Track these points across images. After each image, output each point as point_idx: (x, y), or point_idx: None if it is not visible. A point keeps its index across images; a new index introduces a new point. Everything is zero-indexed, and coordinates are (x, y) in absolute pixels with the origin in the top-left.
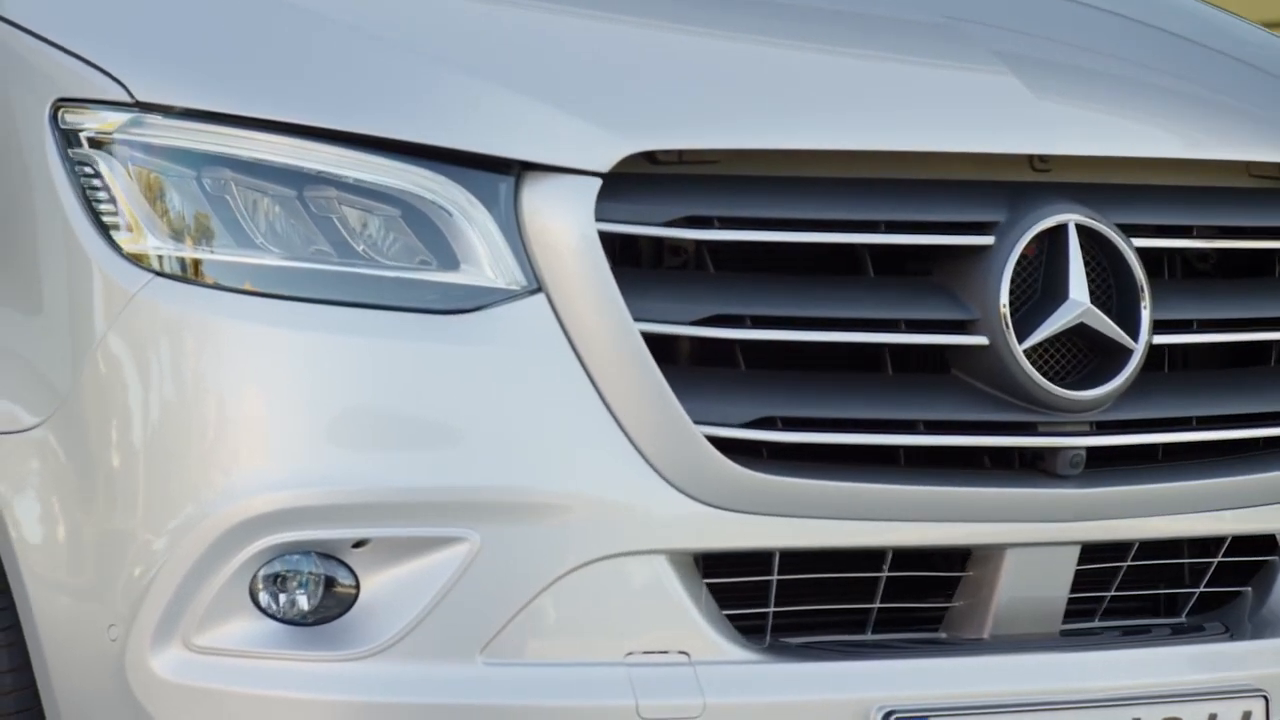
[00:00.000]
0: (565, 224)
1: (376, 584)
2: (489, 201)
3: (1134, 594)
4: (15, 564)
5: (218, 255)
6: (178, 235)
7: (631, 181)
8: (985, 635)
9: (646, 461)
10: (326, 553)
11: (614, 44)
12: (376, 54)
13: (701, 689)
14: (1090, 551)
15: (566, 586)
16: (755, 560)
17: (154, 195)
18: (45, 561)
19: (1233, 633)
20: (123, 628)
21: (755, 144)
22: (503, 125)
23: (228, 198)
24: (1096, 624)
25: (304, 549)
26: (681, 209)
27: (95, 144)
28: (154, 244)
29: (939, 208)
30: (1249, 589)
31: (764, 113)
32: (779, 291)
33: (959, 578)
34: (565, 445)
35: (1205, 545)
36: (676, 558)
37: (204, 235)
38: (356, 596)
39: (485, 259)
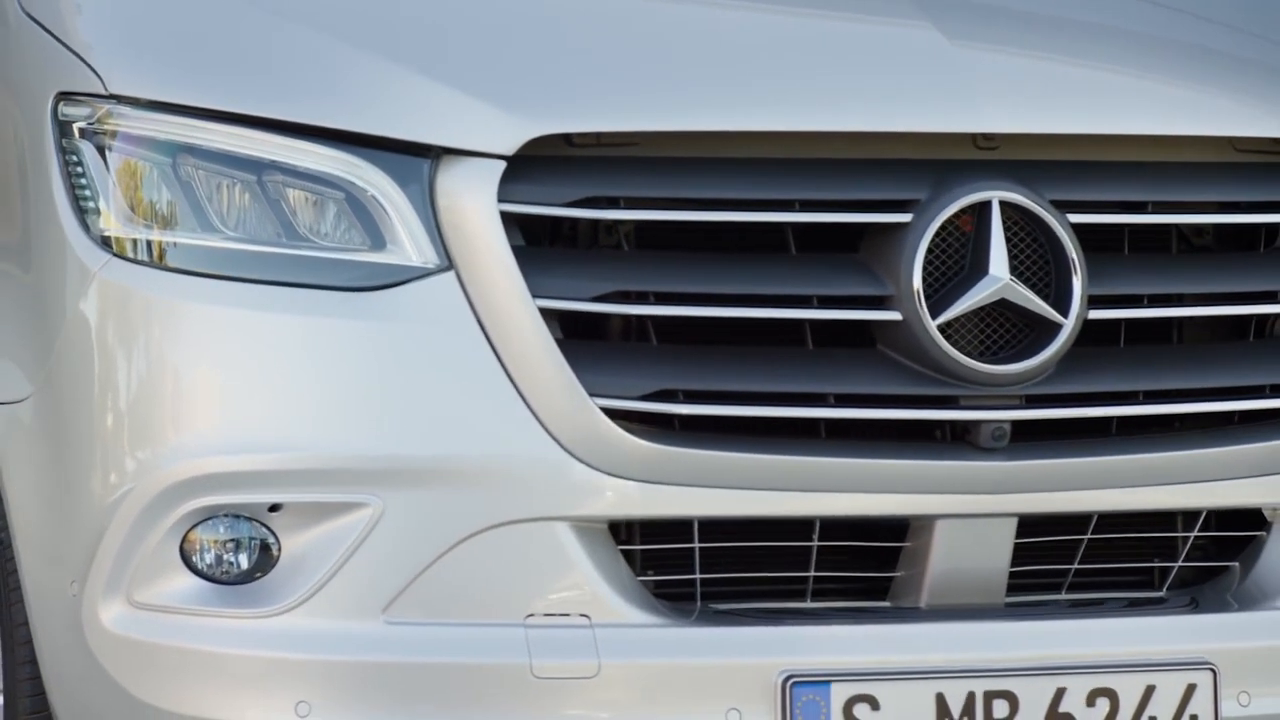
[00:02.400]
0: (472, 205)
1: (294, 546)
2: (408, 184)
3: (1115, 568)
4: (10, 524)
5: (156, 235)
6: (130, 217)
7: (541, 163)
8: (921, 605)
9: (547, 432)
10: (249, 516)
11: (533, 28)
12: (314, 47)
13: (598, 650)
14: (1050, 525)
15: (467, 551)
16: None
17: (119, 180)
18: (28, 521)
19: (1201, 606)
20: (80, 584)
21: (661, 126)
22: (420, 111)
23: (173, 182)
24: (1047, 597)
25: (226, 512)
26: (586, 190)
27: (81, 134)
28: (113, 226)
29: (861, 187)
30: (1235, 564)
31: (677, 94)
32: (686, 269)
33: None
34: (467, 415)
35: (1194, 520)
36: (582, 525)
37: (150, 217)
38: (278, 558)
39: (406, 239)
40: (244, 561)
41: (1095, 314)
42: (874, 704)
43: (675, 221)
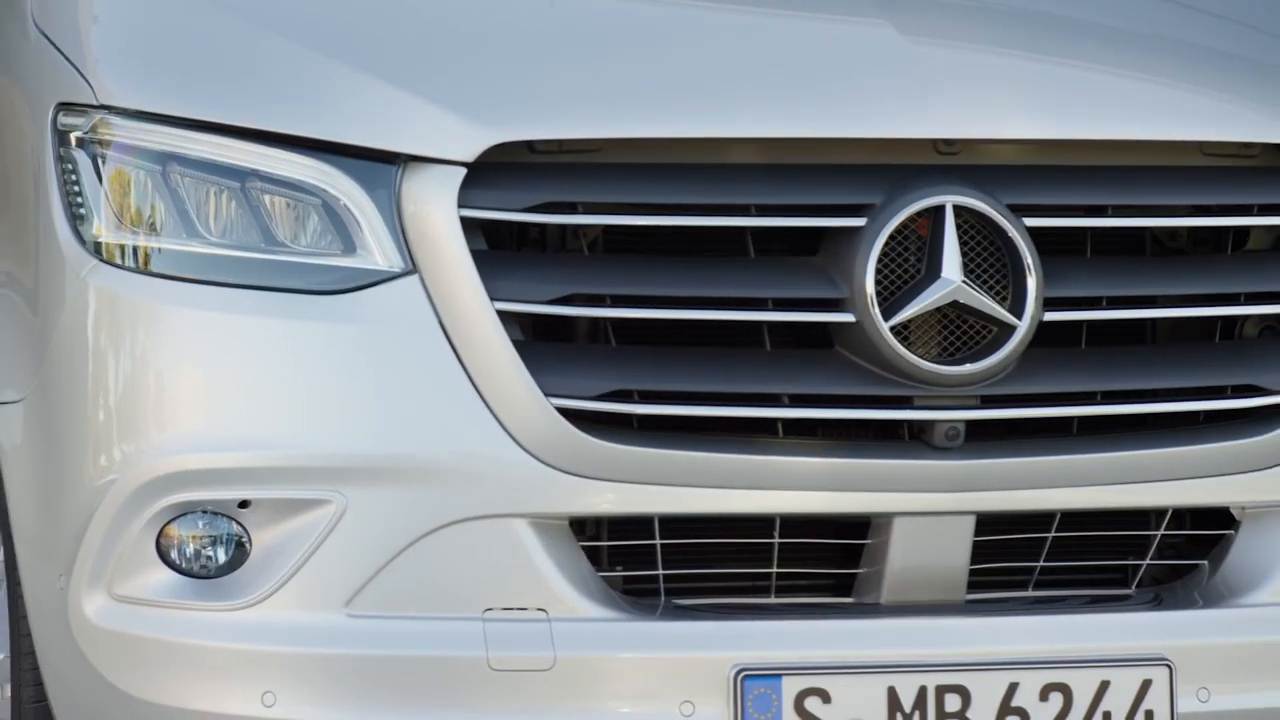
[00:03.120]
0: (434, 210)
1: (264, 541)
2: (376, 190)
3: (1087, 565)
4: (9, 520)
5: (142, 241)
6: (118, 225)
7: (504, 169)
8: (881, 601)
9: (505, 431)
10: (221, 512)
11: (500, 38)
12: (292, 59)
13: (554, 644)
14: (1013, 523)
15: (427, 546)
16: (664, 524)
17: (110, 188)
18: (24, 516)
19: (1165, 604)
20: (66, 577)
21: (619, 134)
22: (388, 120)
23: (158, 191)
24: (1009, 595)
25: (199, 508)
26: (544, 195)
27: (78, 143)
28: (103, 232)
29: (817, 192)
30: (1205, 563)
31: (636, 102)
32: (643, 272)
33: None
34: (428, 415)
35: (1161, 519)
36: (541, 522)
37: (137, 224)
38: (249, 553)
39: (374, 244)
40: (217, 556)
41: (1051, 316)
42: (825, 697)
43: (637, 226)
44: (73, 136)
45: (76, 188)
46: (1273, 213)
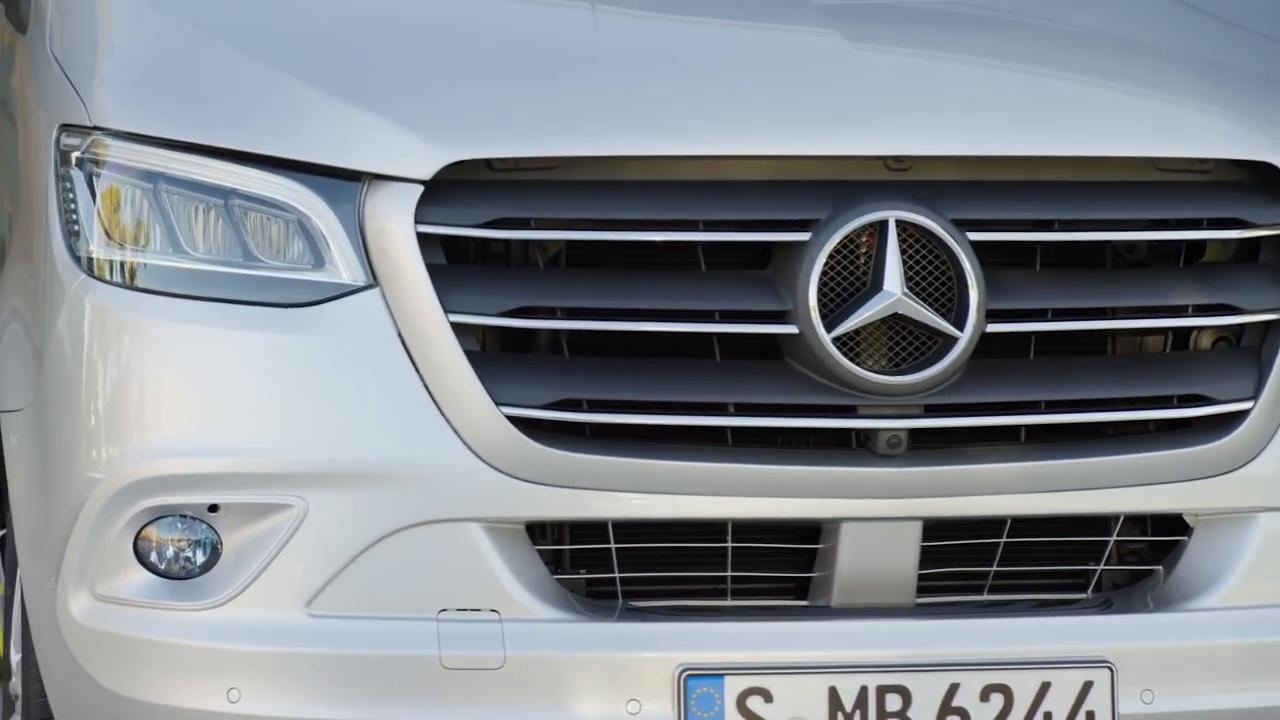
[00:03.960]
0: (393, 226)
1: (234, 544)
2: (342, 207)
3: (1046, 570)
4: (11, 522)
5: (128, 257)
6: (106, 241)
7: (461, 187)
8: (833, 603)
9: (460, 438)
10: (194, 516)
11: (461, 60)
12: (269, 82)
13: (505, 643)
14: (964, 529)
15: (385, 549)
16: (625, 529)
17: (101, 206)
18: (22, 519)
19: (1115, 608)
20: (54, 578)
21: (570, 152)
22: (354, 140)
23: (143, 208)
24: (959, 599)
25: (173, 512)
26: (498, 212)
27: (76, 162)
28: (93, 248)
29: (765, 207)
30: (1160, 568)
31: (589, 121)
32: (593, 285)
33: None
34: (386, 423)
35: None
36: (495, 526)
37: (124, 240)
38: (220, 555)
39: (339, 258)
40: (190, 558)
41: (995, 328)
42: (767, 696)
43: (590, 241)
44: (72, 156)
45: (73, 205)
46: (1223, 227)
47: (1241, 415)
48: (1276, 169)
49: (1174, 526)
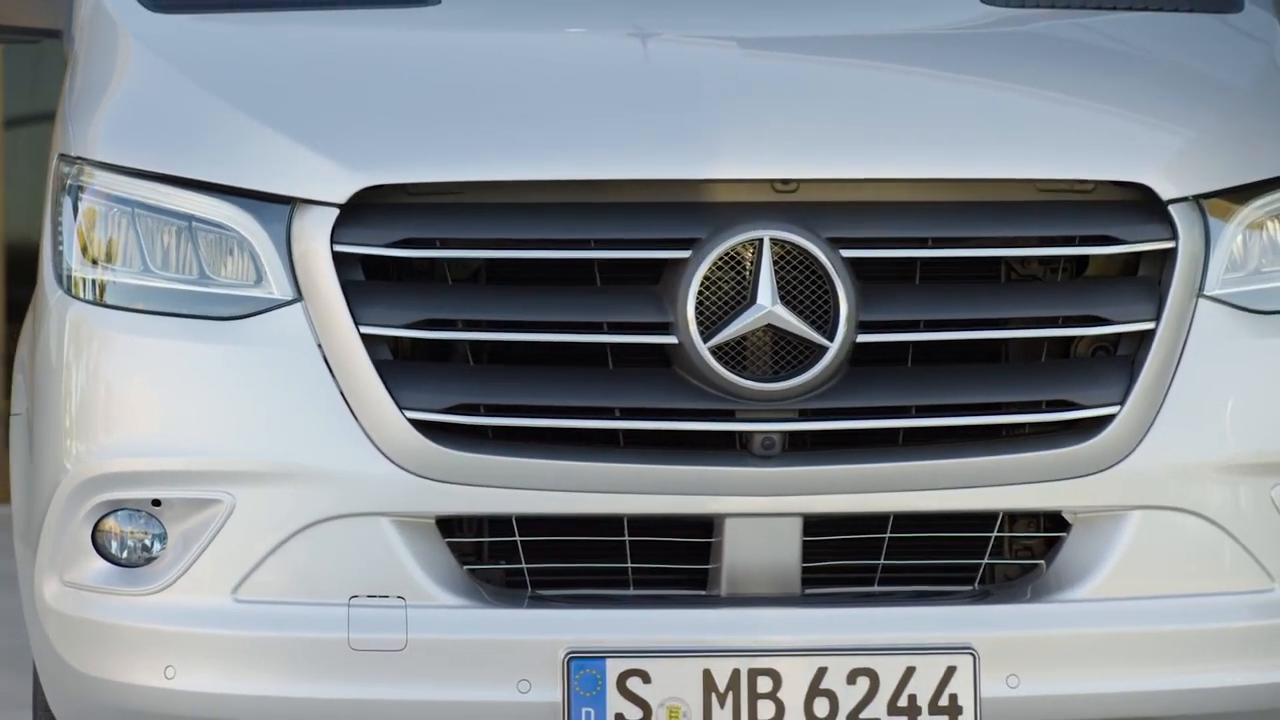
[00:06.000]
0: (313, 246)
1: (176, 535)
2: (273, 227)
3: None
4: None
5: (95, 275)
6: (81, 261)
7: (376, 209)
8: (721, 593)
9: (370, 440)
10: (141, 509)
11: (382, 90)
12: (219, 115)
13: (408, 627)
14: (848, 524)
15: (303, 540)
16: (534, 523)
17: (80, 229)
18: (18, 513)
19: (991, 598)
20: (32, 565)
21: (472, 177)
22: (284, 167)
23: (110, 231)
24: (843, 590)
25: (123, 506)
26: (405, 232)
27: (66, 189)
28: (66, 265)
29: (651, 227)
30: (1042, 562)
31: (493, 147)
32: (491, 299)
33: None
34: (305, 426)
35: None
36: (404, 520)
37: (93, 260)
38: (165, 545)
39: (271, 276)
40: (137, 548)
41: (865, 338)
42: (646, 678)
43: (491, 259)
44: (65, 183)
45: (60, 229)
46: (1098, 244)
47: (1108, 419)
48: (1151, 190)
49: (1058, 524)
